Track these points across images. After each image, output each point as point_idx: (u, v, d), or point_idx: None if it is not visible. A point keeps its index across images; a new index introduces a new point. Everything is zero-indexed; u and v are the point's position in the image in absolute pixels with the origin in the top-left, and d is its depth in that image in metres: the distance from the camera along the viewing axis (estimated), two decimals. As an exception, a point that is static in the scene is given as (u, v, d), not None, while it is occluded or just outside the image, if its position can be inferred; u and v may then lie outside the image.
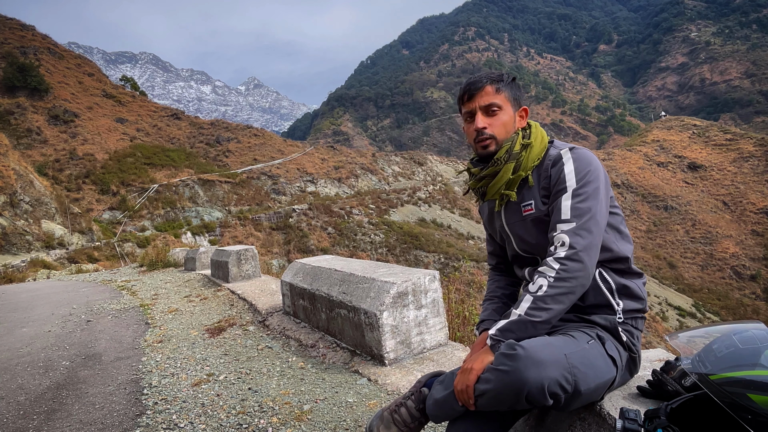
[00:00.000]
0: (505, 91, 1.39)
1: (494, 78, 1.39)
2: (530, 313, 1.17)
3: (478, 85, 1.37)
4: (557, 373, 1.07)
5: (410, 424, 1.35)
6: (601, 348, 1.22)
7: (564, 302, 1.18)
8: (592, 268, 1.20)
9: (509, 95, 1.40)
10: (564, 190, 1.27)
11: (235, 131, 54.41)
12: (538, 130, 1.42)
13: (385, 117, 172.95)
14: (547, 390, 1.06)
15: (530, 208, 1.37)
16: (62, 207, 22.95)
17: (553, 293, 1.16)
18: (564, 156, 1.32)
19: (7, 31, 53.07)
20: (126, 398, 2.42)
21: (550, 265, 1.20)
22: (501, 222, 1.47)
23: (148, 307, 5.01)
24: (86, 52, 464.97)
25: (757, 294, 47.26)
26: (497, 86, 1.37)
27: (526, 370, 1.06)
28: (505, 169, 1.37)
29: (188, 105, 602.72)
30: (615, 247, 1.32)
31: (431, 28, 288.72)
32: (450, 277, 4.26)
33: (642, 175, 66.05)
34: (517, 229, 1.42)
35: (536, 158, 1.37)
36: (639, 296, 1.34)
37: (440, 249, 35.36)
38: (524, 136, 1.41)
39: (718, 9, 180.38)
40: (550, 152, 1.38)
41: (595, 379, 1.15)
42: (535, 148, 1.38)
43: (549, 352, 1.10)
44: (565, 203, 1.25)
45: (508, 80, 1.41)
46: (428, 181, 53.97)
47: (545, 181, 1.34)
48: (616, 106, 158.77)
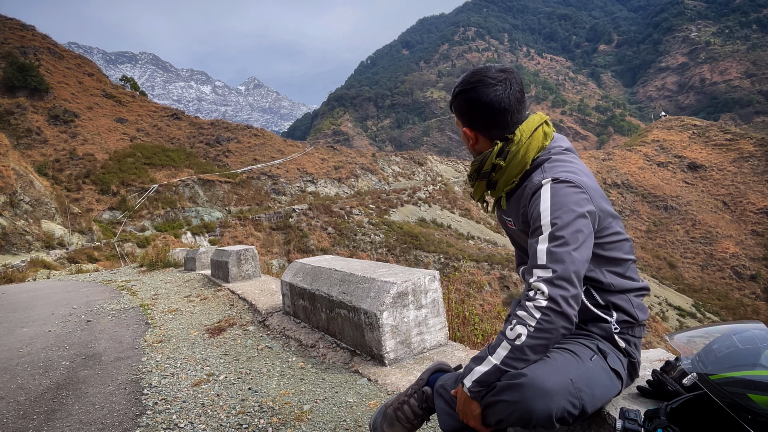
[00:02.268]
0: (456, 115, 1.36)
1: (452, 102, 1.35)
2: (507, 363, 1.10)
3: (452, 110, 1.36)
4: (564, 401, 1.06)
5: (413, 421, 1.36)
6: (604, 363, 1.20)
7: (543, 352, 1.11)
8: (574, 316, 1.10)
9: (459, 116, 1.35)
10: (539, 230, 1.16)
11: (235, 131, 54.37)
12: (521, 146, 1.26)
13: (385, 117, 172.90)
14: (555, 417, 1.05)
15: (511, 223, 1.37)
16: (62, 207, 22.95)
17: (533, 344, 1.08)
18: (543, 190, 1.19)
19: (7, 31, 53.05)
20: (126, 398, 2.42)
21: (530, 312, 1.09)
22: (505, 225, 1.47)
23: (148, 307, 5.01)
24: (86, 52, 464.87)
25: (757, 294, 47.23)
26: (455, 112, 1.35)
27: (534, 401, 1.05)
28: (478, 185, 1.37)
29: (188, 105, 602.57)
30: (603, 278, 1.27)
31: (431, 28, 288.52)
32: (450, 277, 4.26)
33: (642, 175, 66.01)
34: (508, 231, 1.45)
35: (510, 180, 1.30)
36: (630, 313, 1.28)
37: (440, 249, 35.35)
38: (500, 152, 1.28)
39: (718, 9, 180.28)
40: (534, 179, 1.25)
41: (601, 397, 1.16)
42: (507, 170, 1.28)
43: (556, 381, 1.07)
44: (541, 246, 1.14)
45: (455, 98, 1.32)
46: (428, 181, 53.95)
47: (524, 208, 1.27)
48: (616, 106, 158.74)
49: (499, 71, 1.25)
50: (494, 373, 1.11)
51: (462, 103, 1.29)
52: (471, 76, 1.27)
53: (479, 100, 1.25)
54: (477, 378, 1.13)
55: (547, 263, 1.11)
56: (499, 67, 1.27)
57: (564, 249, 1.11)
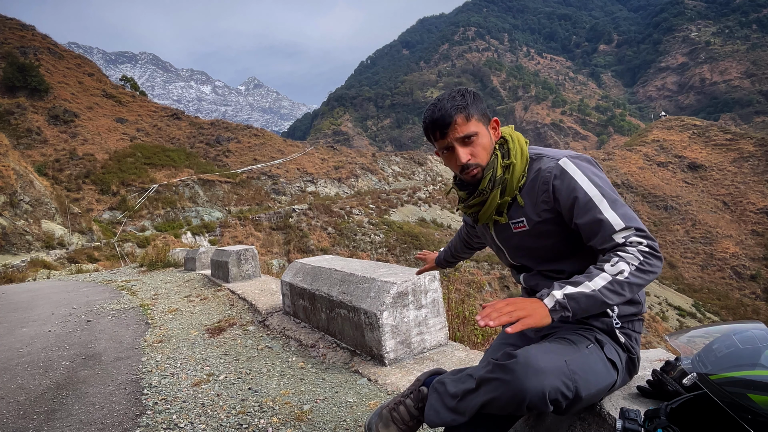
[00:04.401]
0: (474, 113, 1.27)
1: (460, 105, 1.25)
2: (604, 293, 1.07)
3: (447, 120, 1.25)
4: (558, 381, 1.06)
5: (408, 422, 1.35)
6: (600, 352, 1.21)
7: (635, 293, 1.11)
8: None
9: (478, 116, 1.28)
10: (590, 203, 1.18)
11: (235, 131, 54.36)
12: (516, 144, 1.32)
13: (385, 117, 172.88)
14: (548, 397, 1.05)
15: (521, 225, 1.32)
16: (62, 207, 22.95)
17: (633, 281, 1.08)
18: (568, 167, 1.24)
19: (7, 31, 53.05)
20: (126, 398, 2.42)
21: (634, 254, 1.10)
22: (492, 238, 1.45)
23: (148, 307, 5.01)
24: (86, 52, 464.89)
25: (757, 294, 47.22)
26: (466, 113, 1.25)
27: (527, 379, 1.05)
28: (492, 197, 1.32)
29: (188, 105, 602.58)
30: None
31: (431, 28, 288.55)
32: (450, 277, 4.26)
33: (642, 175, 66.01)
34: (509, 242, 1.40)
35: (520, 175, 1.30)
36: (635, 301, 1.31)
37: (440, 249, 35.32)
38: (503, 154, 1.32)
39: (718, 9, 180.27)
40: (543, 163, 1.28)
41: (595, 384, 1.15)
42: (517, 166, 1.30)
43: (549, 360, 1.08)
44: (608, 214, 1.16)
45: (472, 99, 1.28)
46: (428, 181, 53.95)
47: (545, 194, 1.26)
48: (616, 106, 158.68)
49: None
50: (588, 297, 1.07)
51: (480, 99, 1.31)
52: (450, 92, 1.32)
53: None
54: (570, 293, 1.08)
55: (625, 224, 1.15)
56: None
57: (627, 210, 1.18)
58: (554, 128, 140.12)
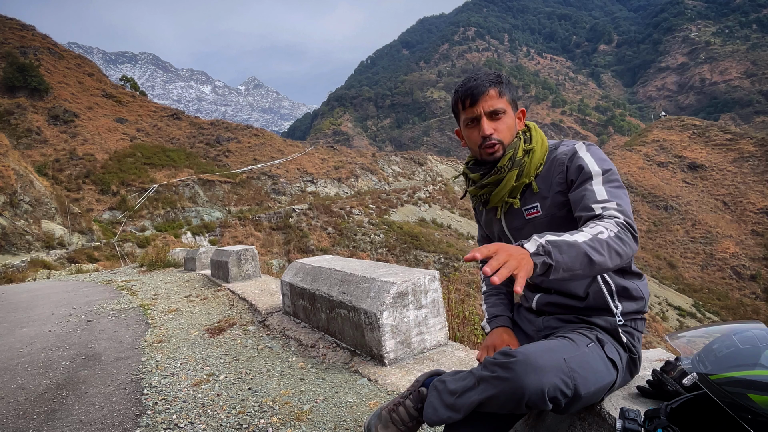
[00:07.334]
0: (506, 93, 1.34)
1: (495, 80, 1.32)
2: (585, 247, 1.03)
3: (482, 89, 1.30)
4: (557, 379, 1.06)
5: (408, 423, 1.34)
6: (600, 351, 1.21)
7: (614, 261, 1.06)
8: (634, 252, 1.11)
9: (510, 98, 1.35)
10: (590, 176, 1.24)
11: (235, 131, 54.38)
12: (538, 133, 1.39)
13: (385, 117, 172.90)
14: (547, 395, 1.05)
15: (535, 211, 1.34)
16: (62, 207, 22.95)
17: (612, 245, 1.06)
18: (580, 149, 1.31)
19: (7, 31, 53.07)
20: (126, 398, 2.42)
21: (611, 223, 1.10)
22: (501, 226, 1.45)
23: (148, 307, 5.01)
24: (86, 52, 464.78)
25: (757, 294, 47.21)
26: (500, 89, 1.32)
27: (526, 376, 1.05)
28: (509, 177, 1.34)
29: (188, 105, 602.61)
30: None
31: (431, 28, 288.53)
32: (450, 277, 4.26)
33: (642, 175, 66.00)
34: (520, 232, 1.40)
35: (539, 163, 1.35)
36: (638, 297, 1.32)
37: (440, 249, 35.35)
38: (525, 140, 1.37)
39: (718, 9, 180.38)
40: (559, 150, 1.35)
41: (595, 382, 1.15)
42: (537, 152, 1.35)
43: (548, 358, 1.08)
44: (599, 187, 1.21)
45: (507, 82, 1.36)
46: (428, 181, 53.95)
47: (560, 176, 1.31)
48: (616, 106, 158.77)
49: None
50: (570, 247, 1.02)
51: (514, 87, 1.38)
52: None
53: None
54: (552, 239, 1.02)
55: (608, 198, 1.19)
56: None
57: (620, 190, 1.22)
58: (554, 128, 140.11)
